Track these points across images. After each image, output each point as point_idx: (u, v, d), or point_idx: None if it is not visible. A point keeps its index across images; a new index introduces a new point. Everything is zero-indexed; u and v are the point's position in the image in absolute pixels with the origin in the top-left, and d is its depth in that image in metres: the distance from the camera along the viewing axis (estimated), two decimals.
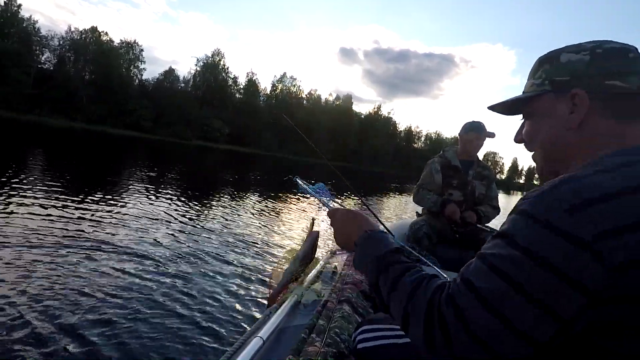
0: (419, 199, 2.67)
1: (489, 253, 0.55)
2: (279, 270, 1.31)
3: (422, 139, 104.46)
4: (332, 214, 0.92)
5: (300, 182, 1.24)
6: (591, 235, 0.48)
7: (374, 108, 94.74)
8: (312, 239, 1.24)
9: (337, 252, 1.88)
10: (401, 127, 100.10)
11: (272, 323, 1.17)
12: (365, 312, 1.32)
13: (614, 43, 0.65)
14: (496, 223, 2.58)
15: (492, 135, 2.52)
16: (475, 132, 2.49)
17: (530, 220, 0.53)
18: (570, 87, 0.64)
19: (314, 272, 1.44)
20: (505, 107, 0.75)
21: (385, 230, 0.81)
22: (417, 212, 2.94)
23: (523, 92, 0.73)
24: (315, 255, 1.29)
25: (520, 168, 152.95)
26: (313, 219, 1.32)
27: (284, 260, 1.34)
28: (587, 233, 0.48)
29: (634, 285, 0.48)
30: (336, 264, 1.59)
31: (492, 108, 0.78)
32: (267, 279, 3.44)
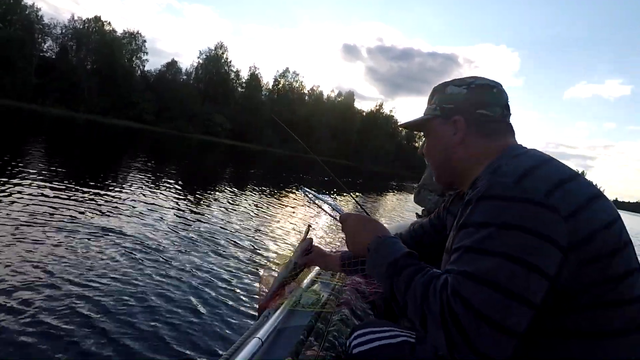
0: (419, 199, 2.65)
1: (471, 241, 0.60)
2: (269, 276, 1.32)
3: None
4: (344, 219, 0.96)
5: (307, 190, 1.28)
6: (542, 193, 0.59)
7: (376, 106, 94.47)
8: (306, 245, 1.25)
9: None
10: None
11: (271, 324, 1.17)
12: (364, 314, 1.32)
13: (485, 80, 0.83)
14: None
15: None
16: None
17: (490, 200, 0.61)
18: (453, 114, 0.81)
19: (313, 273, 1.44)
20: (410, 126, 0.93)
21: (396, 236, 0.83)
22: (416, 213, 2.93)
23: (424, 114, 0.90)
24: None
25: None
26: (309, 226, 1.33)
27: (274, 265, 1.34)
28: (539, 193, 0.59)
29: (581, 228, 0.58)
30: None
31: (401, 125, 0.96)
32: (257, 285, 3.44)
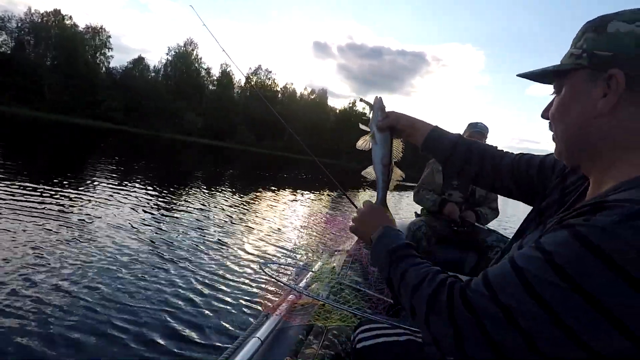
0: (419, 199, 2.68)
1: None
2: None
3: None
4: (356, 211, 0.93)
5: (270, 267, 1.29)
6: None
7: (349, 103, 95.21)
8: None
9: (336, 253, 1.90)
10: None
11: (270, 324, 1.17)
12: (363, 313, 1.34)
13: None
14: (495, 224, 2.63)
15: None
16: (478, 133, 2.51)
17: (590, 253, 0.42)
18: (608, 66, 0.53)
19: (312, 273, 1.45)
20: (536, 75, 0.65)
21: (398, 228, 0.83)
22: (415, 212, 2.96)
23: (560, 62, 0.62)
24: (315, 256, 1.30)
25: None
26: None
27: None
28: None
29: None
30: (335, 264, 1.61)
31: (523, 75, 0.67)
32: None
